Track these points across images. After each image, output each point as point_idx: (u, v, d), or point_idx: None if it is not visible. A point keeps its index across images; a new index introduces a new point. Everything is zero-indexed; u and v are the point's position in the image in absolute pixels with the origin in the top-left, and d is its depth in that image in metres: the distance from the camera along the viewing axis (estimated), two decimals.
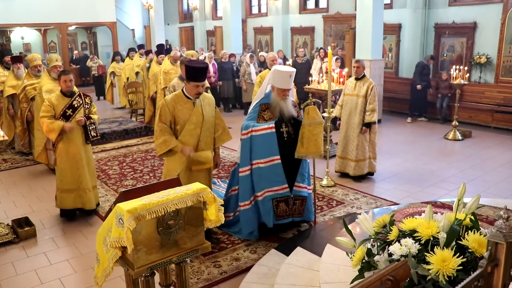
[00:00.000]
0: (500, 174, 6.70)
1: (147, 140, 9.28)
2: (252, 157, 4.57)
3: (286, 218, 4.72)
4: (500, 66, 10.17)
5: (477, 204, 2.66)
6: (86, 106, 5.35)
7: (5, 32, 18.79)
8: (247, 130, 4.58)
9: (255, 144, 4.55)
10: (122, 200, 2.48)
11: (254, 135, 4.54)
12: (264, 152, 4.53)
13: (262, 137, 4.52)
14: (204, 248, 2.73)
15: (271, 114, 4.65)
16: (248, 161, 4.59)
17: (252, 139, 4.55)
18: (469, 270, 2.28)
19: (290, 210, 4.71)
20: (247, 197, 4.63)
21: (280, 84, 4.53)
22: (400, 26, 11.95)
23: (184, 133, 4.22)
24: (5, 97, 7.93)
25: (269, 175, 4.56)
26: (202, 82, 4.17)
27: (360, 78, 6.43)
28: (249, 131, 4.56)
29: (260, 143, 4.53)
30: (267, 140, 4.52)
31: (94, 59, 16.49)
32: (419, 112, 10.66)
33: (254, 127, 4.55)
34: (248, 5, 17.52)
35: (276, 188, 4.59)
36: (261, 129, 4.53)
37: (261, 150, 4.53)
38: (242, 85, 11.68)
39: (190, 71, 4.14)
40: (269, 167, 4.55)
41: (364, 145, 6.41)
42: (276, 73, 4.58)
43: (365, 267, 2.70)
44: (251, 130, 4.56)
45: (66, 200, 5.32)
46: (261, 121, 4.63)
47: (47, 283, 4.08)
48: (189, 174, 4.26)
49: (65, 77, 5.20)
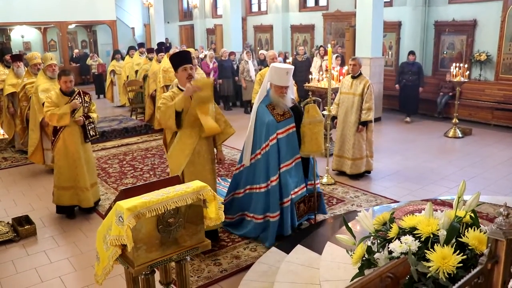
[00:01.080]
0: (500, 171, 6.70)
1: (147, 138, 9.28)
2: (280, 161, 4.51)
3: (304, 216, 4.79)
4: (500, 64, 10.15)
5: (477, 201, 2.66)
6: (85, 105, 5.35)
7: (5, 30, 18.77)
8: (273, 135, 4.48)
9: (282, 147, 4.50)
10: (122, 198, 2.48)
11: (281, 137, 4.51)
12: (291, 153, 4.54)
13: (288, 137, 4.53)
14: (204, 246, 2.73)
15: (282, 109, 4.60)
16: (277, 169, 4.50)
17: (279, 142, 4.50)
18: (469, 267, 2.28)
19: (306, 208, 4.77)
20: (276, 207, 4.51)
21: (278, 81, 4.52)
22: (400, 24, 11.93)
23: (186, 124, 4.19)
24: (5, 96, 7.93)
25: (295, 176, 4.57)
26: (189, 64, 4.18)
27: (357, 77, 6.42)
28: (274, 137, 4.49)
29: (287, 145, 4.52)
30: (292, 140, 4.54)
31: (94, 57, 16.47)
32: (408, 112, 10.39)
33: (278, 130, 4.49)
34: (248, 3, 17.49)
35: (298, 189, 4.61)
36: (285, 130, 4.53)
37: (290, 151, 4.54)
38: (242, 82, 11.68)
39: (174, 59, 4.25)
40: (294, 167, 4.57)
41: (361, 144, 6.40)
42: (273, 70, 4.59)
43: (365, 264, 2.70)
44: (276, 134, 4.49)
45: (63, 197, 5.34)
46: (280, 118, 4.56)
47: (47, 281, 4.09)
48: (194, 168, 4.24)
49: (65, 78, 5.20)
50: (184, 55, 4.25)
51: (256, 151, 4.59)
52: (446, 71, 10.36)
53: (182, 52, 4.35)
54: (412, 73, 10.11)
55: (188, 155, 4.24)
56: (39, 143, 6.79)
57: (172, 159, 4.36)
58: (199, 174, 4.19)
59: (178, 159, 4.28)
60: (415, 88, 10.19)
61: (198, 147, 4.28)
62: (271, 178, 4.49)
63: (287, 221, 4.54)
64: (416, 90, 10.23)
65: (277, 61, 7.26)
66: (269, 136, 4.49)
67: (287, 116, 4.59)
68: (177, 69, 4.19)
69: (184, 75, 4.14)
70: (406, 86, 10.20)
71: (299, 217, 4.72)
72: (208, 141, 4.40)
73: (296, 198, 4.62)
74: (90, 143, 5.52)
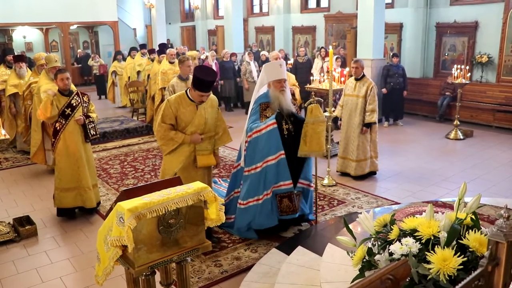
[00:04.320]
0: (501, 173, 6.69)
1: (148, 139, 9.29)
2: (262, 156, 4.53)
3: (290, 214, 4.70)
4: (502, 66, 10.15)
5: (478, 203, 2.66)
6: (84, 105, 5.35)
7: (7, 31, 18.81)
8: (251, 131, 4.56)
9: (261, 143, 4.52)
10: (123, 199, 2.48)
11: (259, 135, 4.53)
12: (272, 149, 4.53)
13: (267, 134, 4.51)
14: (204, 247, 2.73)
15: (272, 112, 4.63)
16: (255, 161, 4.55)
17: (258, 139, 4.53)
18: (470, 269, 2.28)
19: (293, 206, 4.70)
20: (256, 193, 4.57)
21: (275, 75, 4.52)
22: (402, 26, 11.94)
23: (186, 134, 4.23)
24: (7, 96, 7.95)
25: (277, 171, 4.56)
26: (207, 93, 4.15)
27: (360, 79, 6.44)
28: (253, 132, 4.54)
29: (266, 141, 4.52)
30: (271, 137, 4.52)
31: (96, 58, 16.50)
32: (396, 116, 10.20)
33: (257, 128, 4.54)
34: (250, 5, 17.51)
35: (281, 183, 4.58)
36: (265, 127, 4.52)
37: (269, 148, 4.53)
38: (244, 84, 11.68)
39: (198, 81, 4.05)
40: (277, 163, 4.55)
41: (365, 145, 6.41)
42: (267, 68, 4.60)
43: (365, 266, 2.70)
44: (255, 131, 4.54)
45: (65, 199, 5.33)
46: (264, 120, 4.61)
47: (48, 281, 4.09)
48: (187, 174, 4.23)
49: (61, 75, 5.18)
50: (209, 84, 4.09)
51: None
52: (448, 73, 10.34)
53: (208, 82, 4.08)
54: (398, 75, 9.95)
55: (182, 161, 4.28)
56: (41, 144, 6.80)
57: (166, 162, 4.40)
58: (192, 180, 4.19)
59: (171, 163, 4.32)
60: (402, 91, 10.02)
61: (194, 154, 4.33)
62: (249, 167, 4.58)
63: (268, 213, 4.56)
64: (402, 93, 10.05)
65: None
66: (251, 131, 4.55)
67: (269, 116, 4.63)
68: (196, 89, 4.10)
69: (198, 98, 4.15)
70: (394, 90, 9.91)
71: (282, 213, 4.65)
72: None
73: (278, 191, 4.58)
74: (91, 143, 5.52)
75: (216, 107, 4.44)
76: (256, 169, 4.56)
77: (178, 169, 4.26)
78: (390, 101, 10.02)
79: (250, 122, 4.66)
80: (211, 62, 11.89)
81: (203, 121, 4.25)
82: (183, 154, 4.28)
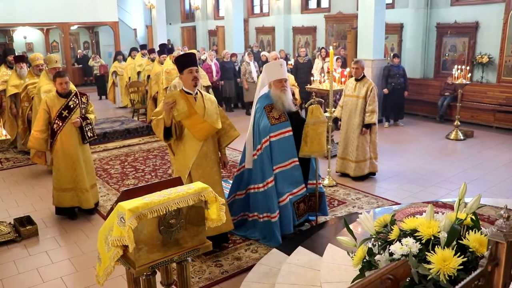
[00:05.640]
0: (501, 174, 6.69)
1: (149, 139, 9.30)
2: (273, 163, 4.53)
3: (304, 216, 4.80)
4: (502, 66, 10.15)
5: (478, 203, 2.66)
6: (82, 106, 5.33)
7: (7, 31, 18.81)
8: (265, 137, 4.51)
9: (274, 149, 4.52)
10: (123, 199, 2.48)
11: (273, 140, 4.52)
12: (285, 156, 4.55)
13: (282, 141, 4.53)
14: (205, 248, 2.73)
15: (278, 112, 4.61)
16: (271, 170, 4.52)
17: (272, 145, 4.52)
18: (470, 270, 2.28)
19: (306, 207, 4.79)
20: (275, 208, 4.53)
21: (276, 75, 4.53)
22: (402, 26, 11.94)
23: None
24: (8, 97, 7.96)
25: (291, 178, 4.59)
26: (195, 67, 4.16)
27: (360, 79, 6.44)
28: (267, 139, 4.51)
29: (280, 148, 4.53)
30: (286, 143, 4.54)
31: (96, 58, 16.51)
32: (396, 116, 10.24)
33: (271, 133, 4.51)
34: (250, 5, 17.52)
35: (296, 190, 4.64)
36: (279, 133, 4.53)
37: (282, 154, 4.54)
38: (244, 84, 11.69)
39: (180, 61, 4.26)
40: (290, 170, 4.58)
41: (365, 146, 6.41)
42: (267, 68, 4.60)
43: (366, 266, 2.70)
44: (269, 136, 4.51)
45: (63, 199, 5.34)
46: (274, 121, 4.58)
47: (49, 281, 4.10)
48: (201, 172, 4.20)
49: (60, 79, 5.17)
50: (190, 58, 4.24)
51: (253, 152, 4.62)
52: (448, 73, 10.35)
53: (188, 54, 4.34)
54: (399, 75, 10.00)
55: (193, 156, 4.20)
56: None
57: (178, 162, 4.34)
58: (208, 176, 4.19)
59: (184, 161, 4.25)
60: (403, 92, 10.09)
61: (205, 148, 4.24)
62: (267, 179, 4.51)
63: (284, 219, 4.55)
64: (403, 94, 10.11)
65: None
66: (262, 138, 4.52)
67: (282, 120, 4.60)
68: (183, 71, 4.16)
69: (190, 77, 4.13)
70: (395, 90, 9.95)
71: (299, 217, 4.74)
72: (214, 143, 4.38)
73: (295, 198, 4.63)
74: (89, 144, 5.50)
75: (215, 103, 4.40)
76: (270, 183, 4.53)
77: (191, 164, 4.18)
78: (391, 102, 10.06)
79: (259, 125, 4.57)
80: (210, 62, 11.91)
81: (203, 111, 4.18)
82: (192, 148, 4.19)
